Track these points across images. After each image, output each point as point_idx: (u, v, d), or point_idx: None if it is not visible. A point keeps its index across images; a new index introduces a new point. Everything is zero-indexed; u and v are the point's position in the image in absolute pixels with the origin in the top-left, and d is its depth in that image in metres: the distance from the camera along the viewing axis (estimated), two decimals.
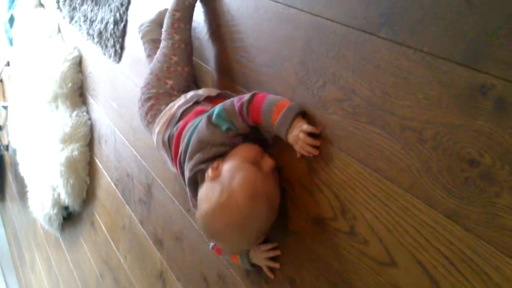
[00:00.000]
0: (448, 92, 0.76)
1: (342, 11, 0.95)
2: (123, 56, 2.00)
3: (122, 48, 1.98)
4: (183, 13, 1.35)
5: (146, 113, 1.32)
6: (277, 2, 1.10)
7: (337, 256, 1.02)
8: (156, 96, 1.31)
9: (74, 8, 2.39)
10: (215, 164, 1.06)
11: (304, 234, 1.10)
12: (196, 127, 1.11)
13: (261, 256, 1.20)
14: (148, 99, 1.32)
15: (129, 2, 1.88)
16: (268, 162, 1.05)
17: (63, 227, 3.02)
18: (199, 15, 1.42)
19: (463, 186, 0.76)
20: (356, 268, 0.98)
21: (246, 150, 1.08)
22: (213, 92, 1.29)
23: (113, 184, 2.28)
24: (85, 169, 2.56)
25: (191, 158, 1.11)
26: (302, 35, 1.04)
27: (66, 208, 2.82)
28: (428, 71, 0.79)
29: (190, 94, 1.29)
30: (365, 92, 0.91)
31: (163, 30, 1.37)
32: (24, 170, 3.29)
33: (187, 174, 1.13)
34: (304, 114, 1.04)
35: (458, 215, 0.77)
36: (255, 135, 1.16)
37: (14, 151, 3.61)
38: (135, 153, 1.97)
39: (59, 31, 2.79)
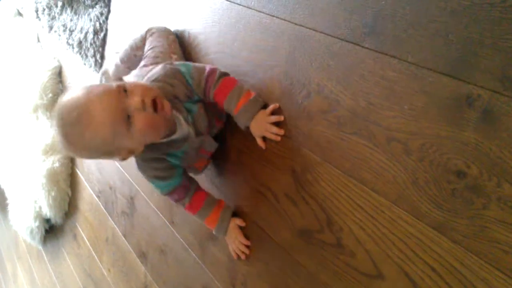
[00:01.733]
0: (433, 103, 0.75)
1: (325, 21, 0.94)
2: (103, 66, 1.96)
3: (102, 57, 1.95)
4: None
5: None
6: (260, 11, 1.09)
7: (324, 269, 1.00)
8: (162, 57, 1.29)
9: (53, 18, 2.35)
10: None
11: (290, 247, 1.08)
12: None
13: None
14: (155, 57, 1.29)
15: (108, 11, 1.86)
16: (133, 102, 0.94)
17: (45, 239, 2.95)
18: (179, 25, 1.40)
19: (450, 198, 0.75)
20: (343, 280, 0.96)
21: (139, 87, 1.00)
22: None
23: (95, 196, 2.24)
24: (66, 181, 2.51)
25: None
26: (285, 45, 1.03)
27: (48, 220, 2.76)
28: (413, 81, 0.78)
29: None
30: (350, 102, 0.90)
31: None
32: (4, 182, 3.23)
33: None
34: (265, 107, 1.08)
35: (445, 227, 0.76)
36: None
37: None
38: (117, 164, 1.93)
39: (38, 40, 2.75)
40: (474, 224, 0.72)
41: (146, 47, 1.34)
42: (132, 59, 1.43)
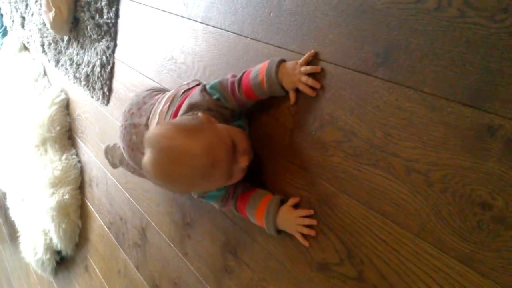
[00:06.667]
0: (453, 133, 0.74)
1: (335, 52, 0.93)
2: (111, 99, 1.97)
3: (110, 90, 1.96)
4: None
5: (146, 97, 1.31)
6: (267, 43, 1.08)
7: None
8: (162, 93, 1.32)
9: (60, 52, 2.37)
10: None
11: (308, 280, 1.06)
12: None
13: (293, 222, 1.05)
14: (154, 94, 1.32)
15: (115, 45, 1.86)
16: (244, 161, 1.00)
17: (56, 271, 2.93)
18: (187, 56, 1.40)
19: (476, 230, 0.73)
20: None
21: (238, 132, 1.04)
22: None
23: (106, 228, 2.22)
24: (76, 213, 2.50)
25: None
26: None
27: (59, 252, 2.74)
28: (431, 112, 0.77)
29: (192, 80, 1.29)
30: (366, 133, 0.88)
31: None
32: (14, 214, 3.22)
33: None
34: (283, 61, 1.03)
35: (472, 260, 0.74)
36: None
37: (4, 195, 3.54)
38: (128, 195, 1.92)
39: (45, 74, 2.76)
40: (502, 257, 0.70)
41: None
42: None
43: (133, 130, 1.26)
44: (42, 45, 2.56)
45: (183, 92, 1.20)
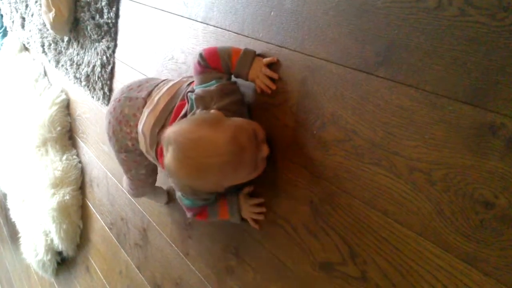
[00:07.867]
0: (455, 132, 0.74)
1: (336, 51, 0.93)
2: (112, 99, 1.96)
3: (110, 90, 1.95)
4: None
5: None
6: (268, 43, 1.08)
7: None
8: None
9: (60, 52, 2.36)
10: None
11: (311, 280, 1.05)
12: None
13: (246, 210, 1.18)
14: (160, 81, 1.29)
15: (115, 45, 1.86)
16: (266, 148, 1.00)
17: (57, 272, 2.93)
18: (188, 56, 1.40)
19: (479, 229, 0.73)
20: None
21: (255, 122, 1.04)
22: None
23: (107, 228, 2.22)
24: (77, 213, 2.50)
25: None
26: (296, 75, 1.02)
27: (60, 253, 2.74)
28: (433, 111, 0.77)
29: None
30: (367, 132, 0.88)
31: None
32: (15, 215, 3.22)
33: None
34: (258, 55, 1.10)
35: (475, 259, 0.74)
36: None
37: (5, 195, 3.54)
38: (129, 196, 1.92)
39: (45, 74, 2.76)
40: (506, 256, 0.70)
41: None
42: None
43: (128, 102, 1.23)
44: (42, 46, 2.56)
45: (188, 85, 1.18)
